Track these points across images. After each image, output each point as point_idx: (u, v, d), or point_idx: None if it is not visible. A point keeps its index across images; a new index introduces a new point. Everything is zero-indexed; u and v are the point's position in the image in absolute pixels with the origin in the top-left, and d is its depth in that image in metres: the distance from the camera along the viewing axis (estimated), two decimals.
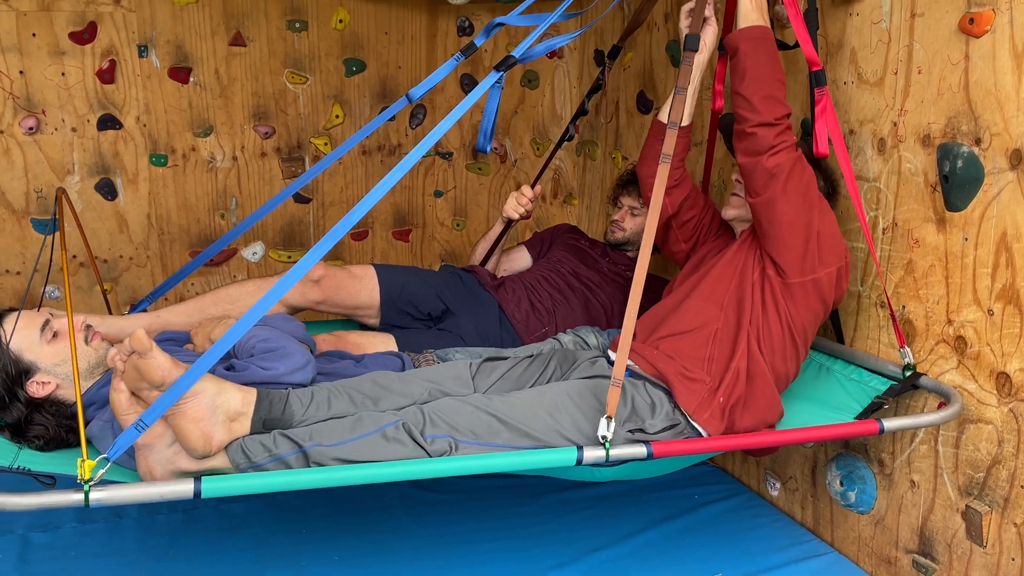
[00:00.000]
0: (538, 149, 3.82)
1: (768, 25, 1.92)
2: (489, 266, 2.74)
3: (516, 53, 1.80)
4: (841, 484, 2.21)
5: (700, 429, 1.81)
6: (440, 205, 3.85)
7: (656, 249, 2.87)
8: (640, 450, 1.59)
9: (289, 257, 3.55)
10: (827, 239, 1.91)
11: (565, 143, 2.81)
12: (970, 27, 1.80)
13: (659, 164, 1.68)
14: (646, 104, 3.19)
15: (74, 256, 3.12)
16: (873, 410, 1.89)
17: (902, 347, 1.96)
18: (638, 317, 2.12)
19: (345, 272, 2.40)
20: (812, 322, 1.96)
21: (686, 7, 2.00)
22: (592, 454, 1.55)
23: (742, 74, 1.88)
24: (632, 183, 2.72)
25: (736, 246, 2.05)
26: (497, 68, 1.78)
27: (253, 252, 3.51)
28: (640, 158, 2.23)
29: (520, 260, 2.83)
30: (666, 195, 2.14)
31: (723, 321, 1.92)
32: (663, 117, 2.12)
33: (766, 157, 1.85)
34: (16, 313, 1.82)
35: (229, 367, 1.73)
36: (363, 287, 2.39)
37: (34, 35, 3.01)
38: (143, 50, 3.16)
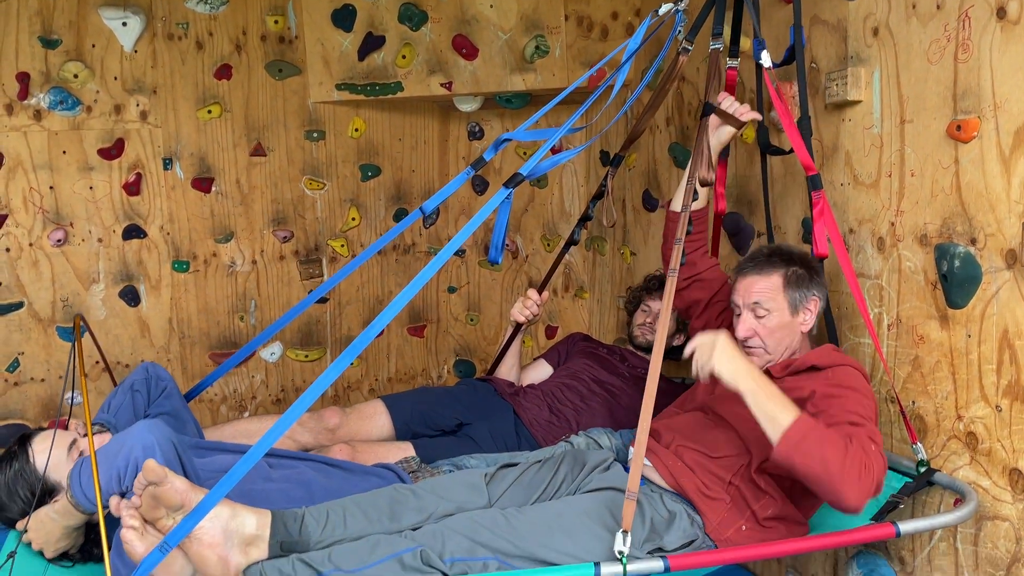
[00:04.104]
0: (548, 245, 3.91)
1: (750, 369, 1.78)
2: (510, 375, 2.79)
3: (524, 171, 1.88)
4: None
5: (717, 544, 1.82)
6: (454, 301, 3.92)
7: (671, 355, 2.93)
8: (657, 564, 1.60)
9: (306, 356, 3.62)
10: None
11: (572, 247, 2.89)
12: (958, 133, 1.88)
13: (667, 277, 1.75)
14: (651, 202, 3.29)
15: (96, 362, 3.20)
16: (889, 509, 1.89)
17: (914, 443, 1.97)
18: (658, 416, 2.16)
19: (356, 415, 2.52)
20: None
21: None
22: (609, 570, 1.56)
23: (824, 473, 1.67)
24: (659, 288, 2.80)
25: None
26: (506, 185, 1.87)
27: (271, 352, 3.58)
28: (663, 237, 2.34)
29: (540, 373, 2.87)
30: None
31: (754, 463, 1.90)
32: (675, 207, 2.24)
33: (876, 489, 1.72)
34: (46, 433, 1.87)
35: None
36: (375, 424, 2.51)
37: (64, 152, 3.16)
38: (168, 163, 3.30)
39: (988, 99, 1.80)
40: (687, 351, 1.84)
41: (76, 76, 3.12)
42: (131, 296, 3.33)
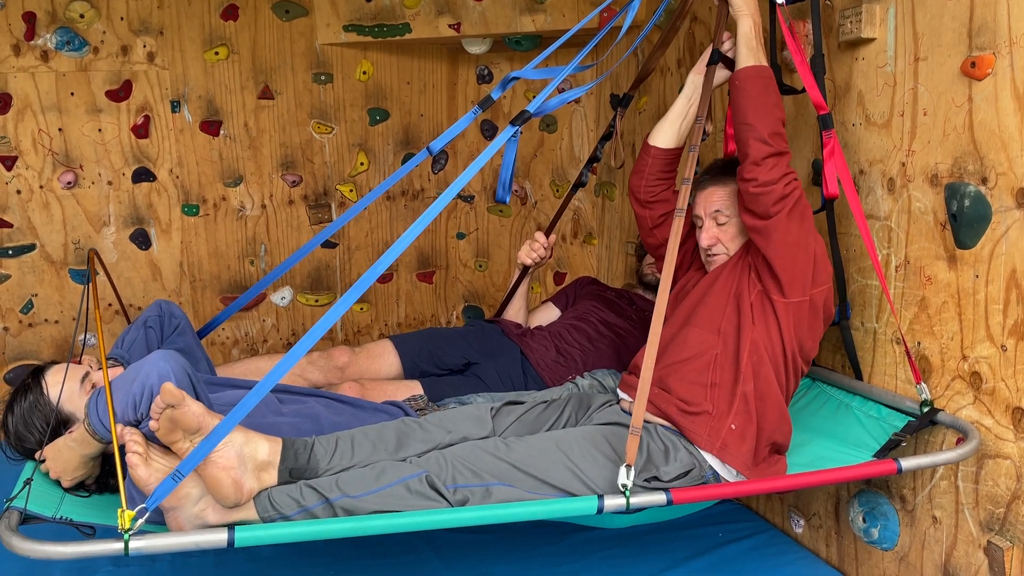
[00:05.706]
0: (557, 191, 3.90)
1: (767, 63, 1.99)
2: (518, 317, 2.80)
3: (531, 108, 1.87)
4: (864, 521, 2.22)
5: (716, 467, 1.84)
6: (463, 247, 3.93)
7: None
8: (660, 497, 1.62)
9: (316, 301, 3.64)
10: (820, 260, 1.99)
11: (580, 188, 2.87)
12: (972, 70, 1.85)
13: (674, 217, 1.76)
14: None
15: (109, 304, 3.23)
16: (891, 447, 1.91)
17: (918, 383, 1.98)
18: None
19: (365, 354, 2.55)
20: (811, 339, 2.00)
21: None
22: (613, 502, 1.59)
23: (754, 110, 1.92)
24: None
25: (727, 270, 2.06)
26: (513, 122, 1.85)
27: (282, 297, 3.61)
28: (636, 171, 2.31)
29: (548, 315, 2.87)
30: (646, 208, 2.25)
31: (722, 346, 1.94)
32: (658, 143, 2.26)
33: (782, 185, 1.90)
34: (59, 366, 1.90)
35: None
36: (383, 363, 2.54)
37: (72, 94, 3.16)
38: (176, 105, 3.29)
39: (1004, 35, 1.77)
40: None
41: (82, 16, 3.09)
42: (142, 239, 3.35)
